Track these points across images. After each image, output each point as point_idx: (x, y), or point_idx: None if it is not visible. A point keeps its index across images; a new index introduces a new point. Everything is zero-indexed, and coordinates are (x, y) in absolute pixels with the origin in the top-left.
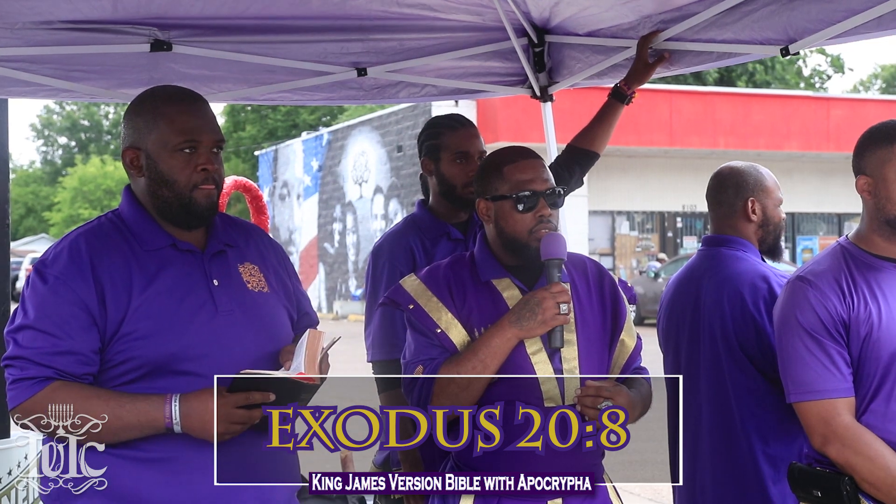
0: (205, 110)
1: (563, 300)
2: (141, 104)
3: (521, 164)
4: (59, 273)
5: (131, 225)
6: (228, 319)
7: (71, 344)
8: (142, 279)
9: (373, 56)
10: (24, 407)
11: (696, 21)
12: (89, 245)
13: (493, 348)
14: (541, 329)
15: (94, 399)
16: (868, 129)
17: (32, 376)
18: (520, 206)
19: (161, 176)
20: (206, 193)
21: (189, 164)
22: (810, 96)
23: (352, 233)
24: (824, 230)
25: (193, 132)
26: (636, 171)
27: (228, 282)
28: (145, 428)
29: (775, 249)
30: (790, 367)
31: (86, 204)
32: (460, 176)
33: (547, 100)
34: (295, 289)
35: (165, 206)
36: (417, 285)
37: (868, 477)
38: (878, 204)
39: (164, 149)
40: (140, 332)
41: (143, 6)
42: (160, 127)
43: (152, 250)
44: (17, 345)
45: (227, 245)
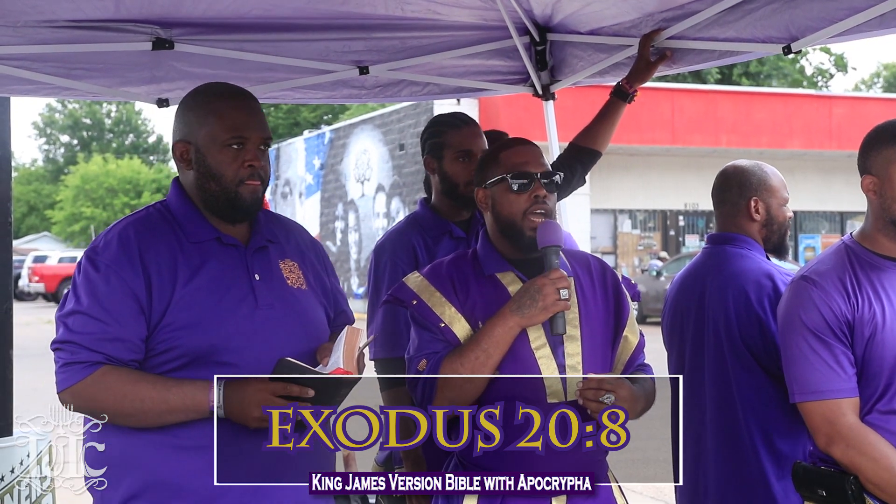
0: (254, 107)
1: (563, 286)
2: (193, 99)
3: (517, 149)
4: (109, 261)
5: (178, 217)
6: (268, 314)
7: (120, 331)
8: (186, 270)
9: (375, 54)
10: (73, 390)
11: (698, 19)
12: (138, 234)
13: (496, 337)
14: (542, 315)
15: (142, 382)
16: (874, 128)
17: (83, 360)
18: (514, 187)
19: (209, 170)
20: (252, 189)
21: (236, 159)
22: (812, 94)
23: (354, 231)
24: (826, 228)
25: (242, 129)
26: (638, 169)
27: (269, 277)
28: (189, 411)
29: (781, 248)
30: (794, 367)
31: (88, 202)
32: (463, 174)
33: (549, 98)
34: (332, 286)
35: (212, 199)
36: (420, 282)
37: (872, 477)
38: (883, 204)
39: (213, 143)
40: (182, 322)
41: (146, 7)
42: (210, 122)
43: (197, 242)
44: (68, 329)
45: (270, 241)
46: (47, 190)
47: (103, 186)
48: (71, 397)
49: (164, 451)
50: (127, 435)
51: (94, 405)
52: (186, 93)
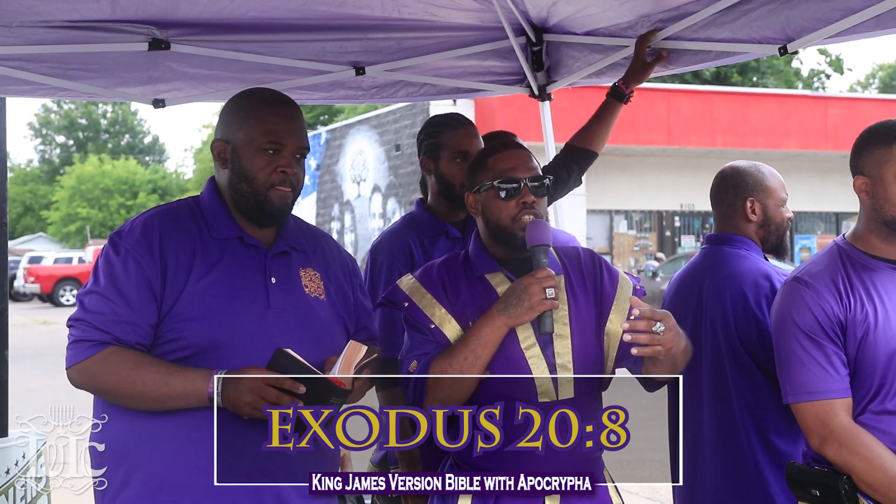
0: (294, 116)
1: (549, 285)
2: (238, 101)
3: (505, 154)
4: (130, 246)
5: (206, 212)
6: (278, 317)
7: (131, 314)
8: (203, 265)
9: (371, 55)
10: (79, 367)
11: (694, 20)
12: (162, 224)
13: (483, 338)
14: (528, 315)
15: (146, 365)
16: (866, 128)
17: (91, 339)
18: (502, 194)
19: (243, 171)
20: (282, 195)
21: (270, 164)
22: (808, 95)
23: (350, 231)
24: (822, 229)
25: (279, 135)
26: (634, 170)
27: (286, 282)
28: (189, 398)
29: (779, 248)
30: (787, 368)
31: (83, 203)
32: (459, 175)
33: (545, 99)
34: (356, 301)
35: (242, 199)
36: (412, 284)
37: (865, 477)
38: (875, 204)
39: (249, 146)
40: (191, 314)
41: (142, 7)
42: (250, 124)
43: (220, 239)
44: (83, 308)
45: (293, 248)
46: (43, 190)
47: (99, 187)
48: (77, 374)
49: (163, 449)
50: (125, 428)
51: (98, 383)
52: (182, 93)
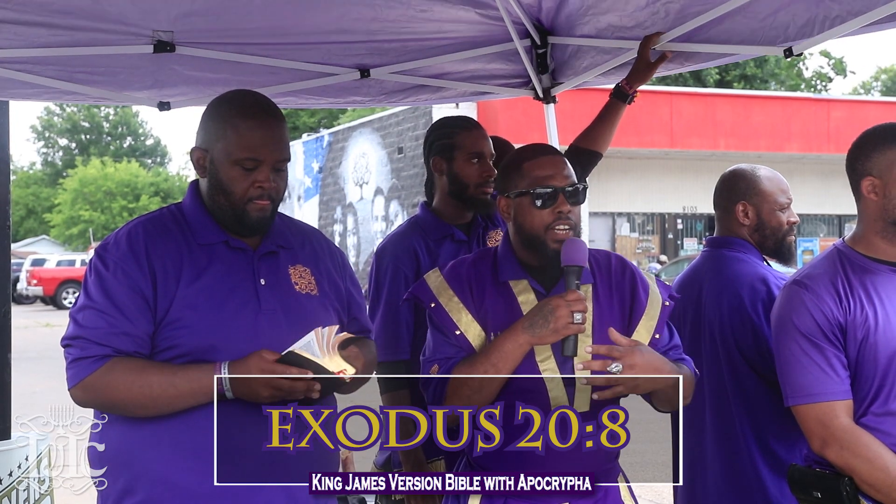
0: (273, 126)
1: (578, 309)
2: (217, 108)
3: (541, 161)
4: (118, 259)
5: (189, 218)
6: (270, 318)
7: (128, 325)
8: (191, 271)
9: (376, 58)
10: (84, 384)
11: (699, 22)
12: (146, 234)
13: (505, 353)
14: (553, 337)
15: (149, 369)
16: (868, 131)
17: (92, 355)
18: (538, 202)
19: (220, 183)
20: (259, 208)
21: (247, 178)
22: (811, 98)
23: (352, 234)
24: (825, 232)
25: (257, 150)
26: (636, 172)
27: (276, 282)
28: (198, 395)
29: (780, 252)
30: (788, 371)
31: (86, 205)
32: (475, 175)
33: (549, 101)
34: (348, 293)
35: (220, 211)
36: (440, 283)
37: (867, 478)
38: (887, 205)
39: (226, 159)
40: (183, 321)
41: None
42: (227, 137)
43: (205, 245)
44: (78, 325)
45: (281, 246)
46: (45, 193)
47: (101, 190)
48: (82, 392)
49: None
50: (126, 433)
51: (105, 397)
52: (187, 96)
